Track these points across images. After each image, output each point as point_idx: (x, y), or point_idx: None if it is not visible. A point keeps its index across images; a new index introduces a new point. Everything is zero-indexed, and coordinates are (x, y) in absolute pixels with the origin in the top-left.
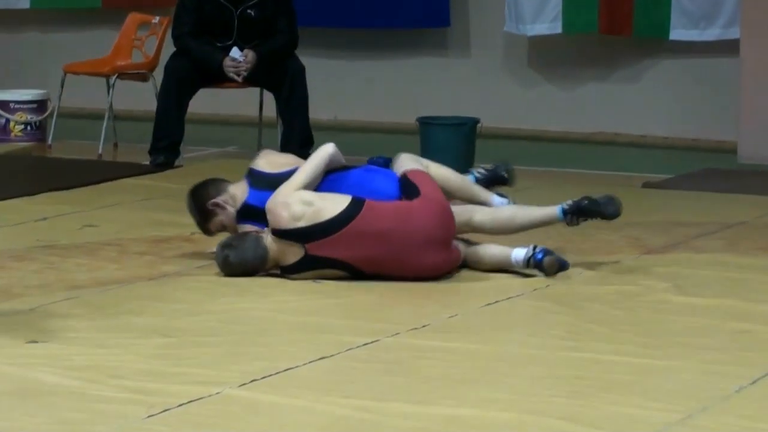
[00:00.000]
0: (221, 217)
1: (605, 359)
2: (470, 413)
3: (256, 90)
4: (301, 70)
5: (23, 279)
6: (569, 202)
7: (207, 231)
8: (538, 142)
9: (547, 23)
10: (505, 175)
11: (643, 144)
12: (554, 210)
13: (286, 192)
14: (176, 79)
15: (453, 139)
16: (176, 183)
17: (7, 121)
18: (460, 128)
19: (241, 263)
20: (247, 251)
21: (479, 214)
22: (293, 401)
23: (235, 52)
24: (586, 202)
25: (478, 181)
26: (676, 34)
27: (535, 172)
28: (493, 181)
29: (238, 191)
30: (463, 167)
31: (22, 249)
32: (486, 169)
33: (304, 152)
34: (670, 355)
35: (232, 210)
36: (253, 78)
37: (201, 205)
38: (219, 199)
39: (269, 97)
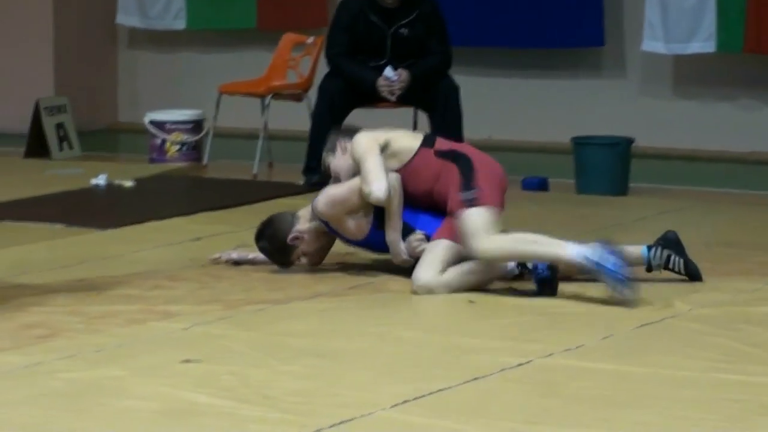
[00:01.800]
0: (302, 247)
1: (761, 382)
2: None
3: (410, 110)
4: (455, 89)
5: (178, 298)
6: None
7: (289, 264)
8: (693, 161)
9: (701, 42)
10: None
11: None
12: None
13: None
14: (330, 98)
15: (607, 158)
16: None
17: (163, 141)
18: (615, 148)
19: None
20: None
21: None
22: (445, 423)
23: (388, 71)
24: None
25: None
26: None
27: (690, 192)
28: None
29: (307, 214)
30: (617, 187)
31: (176, 268)
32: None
33: None
34: None
35: (308, 237)
36: (407, 98)
37: (282, 245)
38: (295, 232)
39: (423, 117)
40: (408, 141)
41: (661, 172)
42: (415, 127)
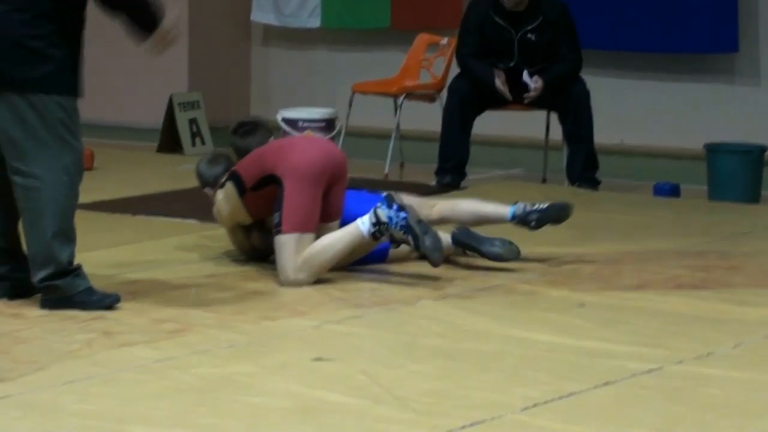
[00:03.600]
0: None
1: None
2: None
3: (540, 113)
4: (586, 94)
5: (308, 297)
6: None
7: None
8: None
9: None
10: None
11: None
12: (506, 211)
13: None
14: (460, 99)
15: (740, 166)
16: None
17: None
18: (748, 155)
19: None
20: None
21: (440, 206)
22: (576, 428)
23: (526, 76)
24: (535, 215)
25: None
26: None
27: None
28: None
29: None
30: (750, 195)
31: None
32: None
33: (588, 175)
34: None
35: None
36: (538, 101)
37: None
38: (208, 189)
39: (555, 119)
40: (229, 203)
41: None
42: (547, 131)
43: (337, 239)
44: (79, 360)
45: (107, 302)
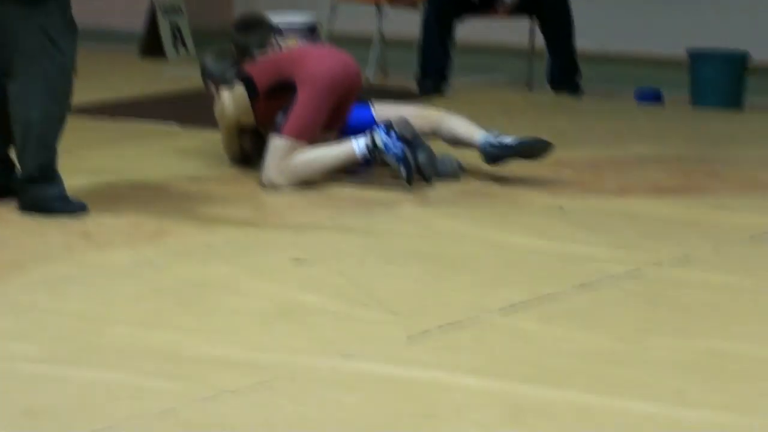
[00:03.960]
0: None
1: None
2: (735, 347)
3: (527, 19)
4: (565, 1)
5: (288, 200)
6: (492, 140)
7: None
8: None
9: None
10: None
11: None
12: (479, 137)
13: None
14: (439, 5)
15: (722, 72)
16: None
17: (279, 46)
18: (730, 61)
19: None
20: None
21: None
22: (553, 329)
23: None
24: (508, 147)
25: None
26: None
27: None
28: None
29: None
30: (732, 101)
31: None
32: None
33: (569, 82)
34: None
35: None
36: (517, 7)
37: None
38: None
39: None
40: (243, 108)
41: None
42: (531, 38)
43: (328, 154)
44: (58, 262)
45: (71, 209)
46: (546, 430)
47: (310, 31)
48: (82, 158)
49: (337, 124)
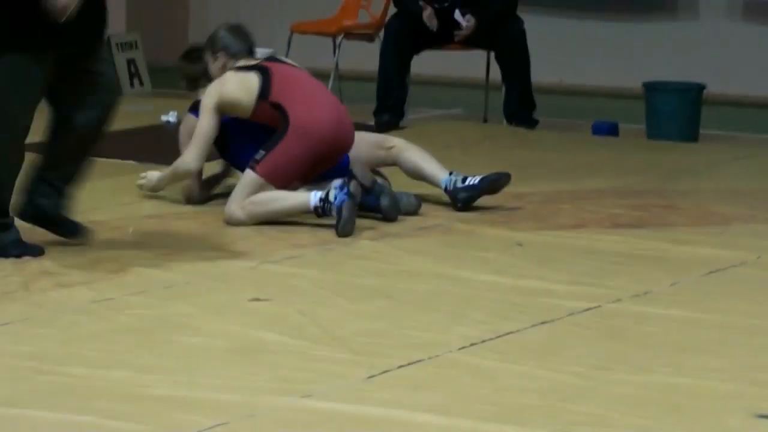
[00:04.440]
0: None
1: None
2: (691, 382)
3: (484, 52)
4: (522, 34)
5: (246, 237)
6: (459, 184)
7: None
8: (765, 108)
9: None
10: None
11: None
12: (444, 180)
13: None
14: (396, 38)
15: (678, 104)
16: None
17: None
18: (687, 93)
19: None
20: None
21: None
22: (513, 366)
23: (458, 15)
24: (476, 187)
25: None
26: None
27: (761, 140)
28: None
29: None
30: (688, 133)
31: None
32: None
33: (525, 115)
34: None
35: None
36: (474, 40)
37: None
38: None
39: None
40: (246, 96)
41: (733, 120)
42: (488, 71)
43: (285, 198)
44: (16, 301)
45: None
46: None
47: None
48: None
49: (313, 176)
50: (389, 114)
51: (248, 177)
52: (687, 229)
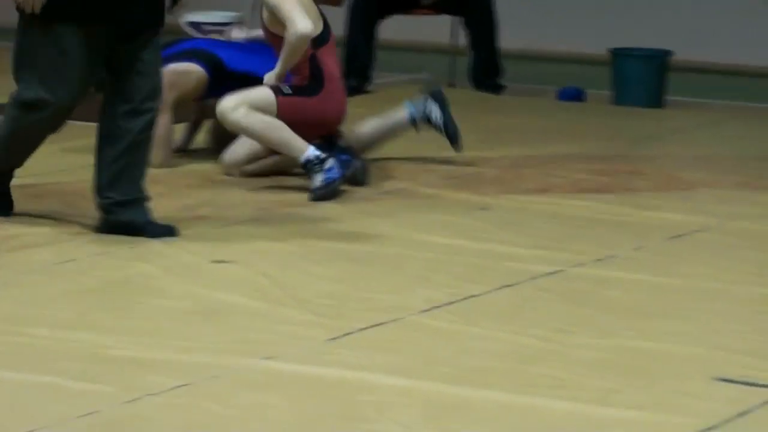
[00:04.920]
0: None
1: None
2: (654, 346)
3: (445, 17)
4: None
5: (210, 199)
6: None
7: None
8: (732, 75)
9: None
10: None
11: None
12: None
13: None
14: (363, 3)
15: (644, 70)
16: (366, 108)
17: None
18: (652, 60)
19: None
20: None
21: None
22: (474, 329)
23: None
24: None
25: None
26: None
27: (728, 106)
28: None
29: None
30: (654, 100)
31: (210, 171)
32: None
33: (491, 80)
34: None
35: None
36: (441, 5)
37: None
38: None
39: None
40: (315, 18)
41: (699, 86)
42: (454, 36)
43: (283, 136)
44: None
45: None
46: (467, 430)
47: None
48: None
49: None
50: (355, 78)
51: (266, 95)
52: (651, 194)
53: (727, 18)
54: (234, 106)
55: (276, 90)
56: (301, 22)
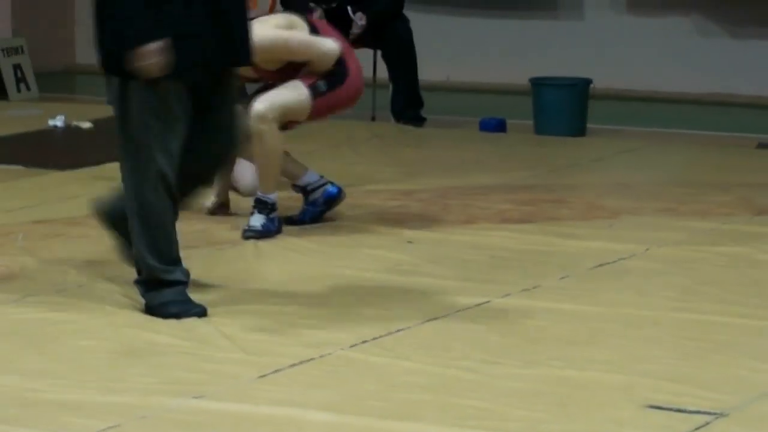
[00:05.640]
0: None
1: (716, 320)
2: (582, 375)
3: (370, 51)
4: (408, 32)
5: None
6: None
7: None
8: (651, 102)
9: None
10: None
11: (758, 104)
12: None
13: None
14: None
15: (565, 99)
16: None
17: None
18: (573, 89)
19: None
20: None
21: None
22: (404, 363)
23: (351, 13)
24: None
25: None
26: None
27: (647, 133)
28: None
29: None
30: (575, 128)
31: None
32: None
33: (412, 113)
34: None
35: None
36: (362, 40)
37: None
38: None
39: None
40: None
41: (619, 114)
42: (374, 69)
43: (276, 169)
44: None
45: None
46: None
47: None
48: None
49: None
50: None
51: (302, 99)
52: (575, 223)
53: (645, 45)
54: (267, 113)
55: (313, 90)
56: (327, 44)
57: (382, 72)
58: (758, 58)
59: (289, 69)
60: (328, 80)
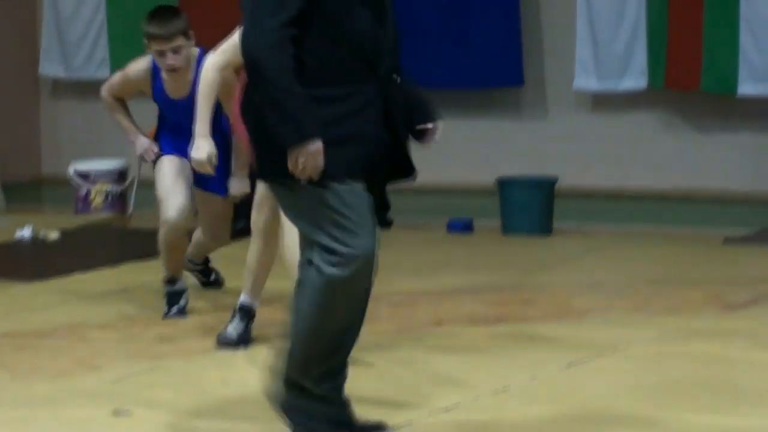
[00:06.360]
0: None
1: (688, 419)
2: None
3: None
4: None
5: (102, 350)
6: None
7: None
8: (617, 199)
9: (633, 78)
10: None
11: (723, 199)
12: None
13: None
14: None
15: (532, 198)
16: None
17: (88, 191)
18: (539, 188)
19: None
20: None
21: None
22: None
23: None
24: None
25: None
26: (745, 89)
27: (615, 231)
28: None
29: None
30: (542, 227)
31: (103, 320)
32: None
33: (379, 216)
34: (751, 414)
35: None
36: None
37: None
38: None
39: None
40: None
41: (585, 211)
42: None
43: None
44: None
45: None
46: None
47: (120, 176)
48: None
49: None
50: (244, 221)
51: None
52: (543, 323)
53: (610, 142)
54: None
55: None
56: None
57: None
58: (723, 152)
59: None
60: None
